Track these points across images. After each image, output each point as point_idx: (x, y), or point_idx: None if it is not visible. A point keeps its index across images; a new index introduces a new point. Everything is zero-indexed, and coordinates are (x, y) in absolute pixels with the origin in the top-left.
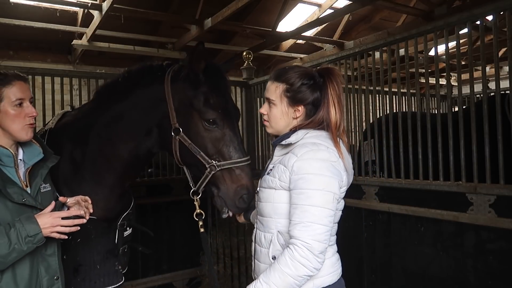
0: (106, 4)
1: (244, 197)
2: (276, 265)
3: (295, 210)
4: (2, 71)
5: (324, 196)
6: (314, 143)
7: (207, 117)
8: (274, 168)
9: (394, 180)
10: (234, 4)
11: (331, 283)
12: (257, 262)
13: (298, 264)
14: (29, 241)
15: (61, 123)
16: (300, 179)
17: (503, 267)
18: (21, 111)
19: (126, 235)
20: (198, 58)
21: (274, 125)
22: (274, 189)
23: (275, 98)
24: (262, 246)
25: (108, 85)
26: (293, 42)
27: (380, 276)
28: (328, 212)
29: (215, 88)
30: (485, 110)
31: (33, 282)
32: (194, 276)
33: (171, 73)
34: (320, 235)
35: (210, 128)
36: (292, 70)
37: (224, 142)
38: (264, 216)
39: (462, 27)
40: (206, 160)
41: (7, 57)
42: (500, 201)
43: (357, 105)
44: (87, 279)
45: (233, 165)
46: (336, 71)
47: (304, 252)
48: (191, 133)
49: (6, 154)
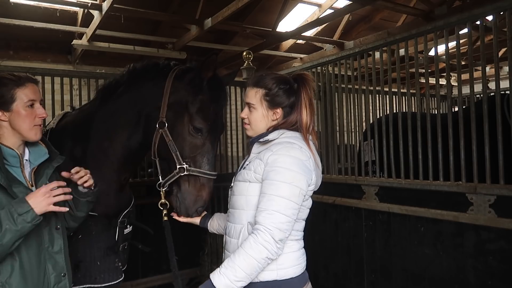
0: (106, 4)
1: (199, 210)
2: (241, 249)
3: (262, 198)
4: (16, 73)
5: (291, 189)
6: (289, 142)
7: (195, 124)
8: (251, 162)
9: (394, 180)
10: (234, 4)
11: (295, 275)
12: (227, 252)
13: (261, 247)
14: (22, 220)
15: (62, 123)
16: (272, 170)
17: (503, 267)
18: (32, 112)
19: (126, 232)
20: (209, 66)
21: (255, 128)
22: (249, 181)
23: (255, 102)
24: (232, 237)
25: (111, 81)
26: (293, 42)
27: (380, 276)
28: (293, 205)
29: (213, 100)
30: (485, 110)
31: (41, 279)
32: (194, 276)
33: (177, 71)
34: (282, 224)
35: (194, 134)
36: (269, 76)
37: (201, 151)
38: (236, 209)
39: (462, 27)
40: (179, 160)
41: (7, 57)
42: (500, 201)
43: (357, 105)
44: (88, 275)
45: (201, 174)
46: (309, 77)
47: (267, 236)
48: (174, 132)
49: (12, 155)
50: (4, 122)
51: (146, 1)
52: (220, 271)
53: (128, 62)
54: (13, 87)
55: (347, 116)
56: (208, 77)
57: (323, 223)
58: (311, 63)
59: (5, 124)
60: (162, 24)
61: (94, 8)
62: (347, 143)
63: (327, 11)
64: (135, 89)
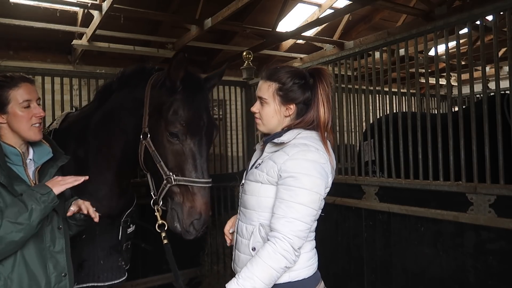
0: (106, 4)
1: (195, 223)
2: (258, 259)
3: (280, 204)
4: (9, 74)
5: (310, 196)
6: (305, 144)
7: (170, 129)
8: (263, 163)
9: (394, 180)
10: (234, 4)
11: (307, 276)
12: (238, 252)
13: (280, 256)
14: (44, 200)
15: (65, 124)
16: (289, 176)
17: (503, 267)
18: (29, 112)
19: (129, 231)
20: (177, 66)
21: (266, 123)
22: (261, 183)
23: (267, 96)
24: (243, 237)
25: (105, 87)
26: (293, 42)
27: (380, 276)
28: (312, 212)
29: (188, 101)
30: (485, 110)
31: (41, 278)
32: (194, 276)
33: (153, 78)
34: (301, 231)
35: (172, 140)
36: (283, 69)
37: (184, 158)
38: (248, 209)
39: (462, 27)
40: (164, 171)
41: (7, 57)
42: (500, 201)
43: (357, 105)
44: (91, 274)
45: (190, 183)
46: (326, 71)
47: (286, 245)
48: (155, 141)
49: (14, 153)
50: (3, 124)
51: (146, 1)
52: (238, 282)
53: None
54: (6, 89)
55: (347, 116)
56: (179, 77)
57: (323, 223)
58: (311, 63)
59: (4, 126)
60: (162, 24)
61: (94, 8)
62: (347, 143)
63: (327, 11)
64: (123, 97)
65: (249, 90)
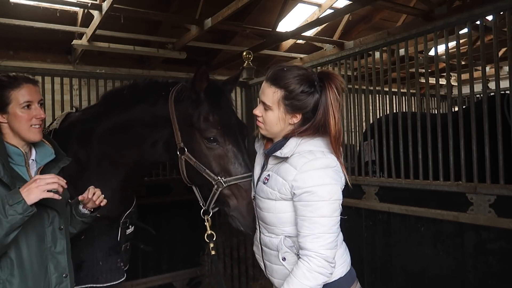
0: (106, 4)
1: None
2: (294, 280)
3: (303, 222)
4: (12, 74)
5: (331, 206)
6: (310, 151)
7: (207, 135)
8: (271, 178)
9: (394, 180)
10: (234, 4)
11: (342, 275)
12: (269, 263)
13: (317, 274)
14: (13, 211)
15: (65, 124)
16: (304, 192)
17: (503, 267)
18: (29, 113)
19: (128, 233)
20: (201, 78)
21: (269, 129)
22: (275, 200)
23: (271, 103)
24: (270, 249)
25: (114, 94)
26: (293, 42)
27: (380, 276)
28: (336, 220)
29: (214, 106)
30: (485, 110)
31: (42, 279)
32: (194, 276)
33: (174, 94)
34: (331, 243)
35: (211, 146)
36: (291, 73)
37: (228, 159)
38: (268, 224)
39: (462, 27)
40: (212, 177)
41: (7, 57)
42: (500, 201)
43: (357, 105)
44: (90, 275)
45: (240, 180)
46: (338, 77)
47: (320, 262)
48: (195, 152)
49: (17, 153)
50: (4, 124)
51: (146, 1)
52: None
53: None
54: (7, 89)
55: (347, 116)
56: (203, 88)
57: None
58: (311, 63)
59: (5, 126)
60: (162, 24)
61: (94, 8)
62: (347, 143)
63: (327, 11)
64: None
65: (249, 90)
